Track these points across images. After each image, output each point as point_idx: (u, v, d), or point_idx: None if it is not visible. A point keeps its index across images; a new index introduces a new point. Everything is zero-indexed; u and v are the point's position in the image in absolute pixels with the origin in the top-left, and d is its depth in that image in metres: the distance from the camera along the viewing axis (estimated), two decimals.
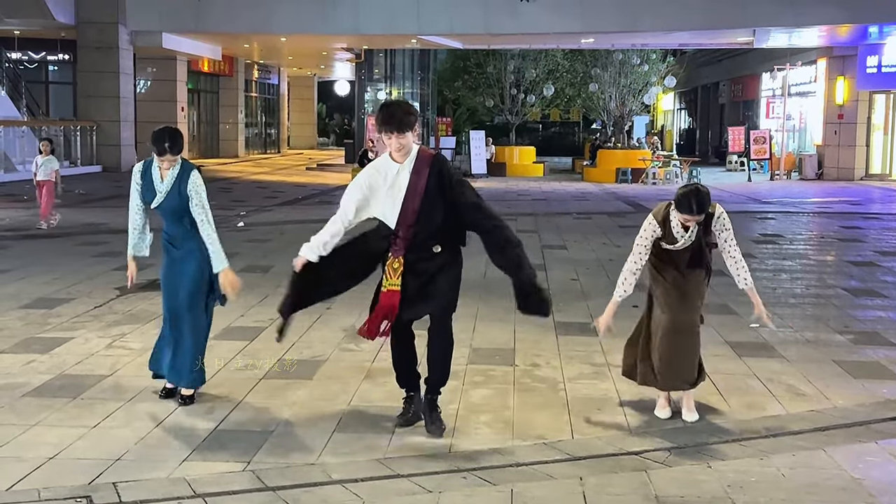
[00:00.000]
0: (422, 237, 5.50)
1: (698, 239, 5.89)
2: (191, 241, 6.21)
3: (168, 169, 6.16)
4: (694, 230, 5.85)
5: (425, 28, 29.61)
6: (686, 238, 5.86)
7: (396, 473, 5.05)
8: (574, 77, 38.95)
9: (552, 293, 10.23)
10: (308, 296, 5.94)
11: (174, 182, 6.15)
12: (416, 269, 5.53)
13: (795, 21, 27.44)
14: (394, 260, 5.55)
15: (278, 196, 23.45)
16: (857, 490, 4.93)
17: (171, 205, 6.17)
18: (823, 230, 17.39)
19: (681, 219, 5.80)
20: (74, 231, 15.45)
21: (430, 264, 5.55)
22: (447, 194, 5.49)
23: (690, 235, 5.86)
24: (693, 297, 5.99)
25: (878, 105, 32.00)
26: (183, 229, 6.22)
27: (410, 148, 5.53)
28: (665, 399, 6.12)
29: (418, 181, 5.48)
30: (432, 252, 5.54)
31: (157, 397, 6.29)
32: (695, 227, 5.84)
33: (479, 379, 6.89)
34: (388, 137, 5.50)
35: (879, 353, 7.81)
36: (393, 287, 5.52)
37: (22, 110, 31.08)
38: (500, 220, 5.64)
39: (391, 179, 5.53)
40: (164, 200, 6.16)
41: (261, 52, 42.10)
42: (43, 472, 5.01)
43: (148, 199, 6.23)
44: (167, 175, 6.17)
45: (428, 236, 5.51)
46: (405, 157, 5.54)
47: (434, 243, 5.53)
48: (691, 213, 5.71)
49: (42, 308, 9.13)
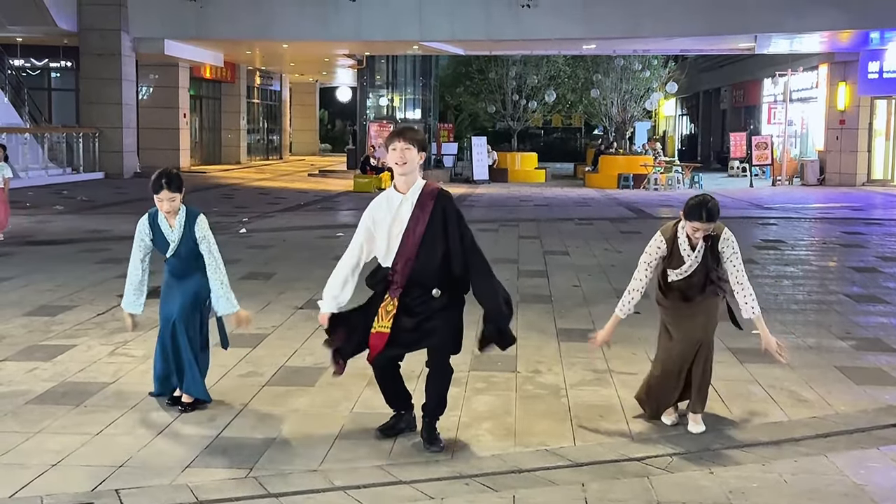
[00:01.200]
0: (420, 275, 5.37)
1: (704, 263, 5.85)
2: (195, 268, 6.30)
3: (173, 215, 6.19)
4: (701, 250, 5.82)
5: (427, 34, 29.64)
6: (693, 259, 5.82)
7: (399, 480, 5.05)
8: (576, 83, 39.00)
9: (554, 299, 10.32)
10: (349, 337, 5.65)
11: (184, 228, 6.21)
12: (411, 311, 5.39)
13: (797, 27, 27.47)
14: (389, 301, 5.40)
15: (280, 202, 23.47)
16: (860, 496, 4.93)
17: (187, 251, 6.24)
18: (825, 236, 17.38)
19: (689, 229, 5.77)
20: (77, 238, 15.46)
21: (427, 307, 5.40)
22: (449, 232, 5.39)
23: (697, 256, 5.81)
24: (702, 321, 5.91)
25: (880, 110, 32.01)
26: (191, 267, 6.29)
27: (414, 169, 5.42)
28: (672, 406, 6.11)
29: (421, 214, 5.38)
30: (431, 296, 5.39)
31: (159, 405, 6.29)
32: (702, 246, 5.82)
33: (482, 385, 6.90)
34: (392, 149, 5.41)
35: (881, 360, 7.81)
36: (382, 329, 5.39)
37: (24, 117, 31.11)
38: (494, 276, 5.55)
39: (394, 211, 5.43)
40: (180, 247, 6.23)
41: (263, 59, 42.15)
42: (46, 479, 5.02)
43: (162, 249, 6.27)
44: (175, 223, 6.21)
45: (427, 276, 5.37)
46: (408, 186, 5.43)
47: (433, 286, 5.39)
48: (701, 221, 5.69)
49: (45, 315, 9.14)
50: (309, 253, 13.96)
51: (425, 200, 5.42)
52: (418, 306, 5.41)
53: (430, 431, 5.61)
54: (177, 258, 6.27)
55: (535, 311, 9.66)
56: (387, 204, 5.50)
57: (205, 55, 34.80)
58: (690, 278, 5.89)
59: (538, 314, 9.49)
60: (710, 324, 5.96)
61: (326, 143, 62.36)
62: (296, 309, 9.58)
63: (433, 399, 5.61)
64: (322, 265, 12.52)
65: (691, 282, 5.90)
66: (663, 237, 5.92)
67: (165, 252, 6.27)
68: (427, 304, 5.41)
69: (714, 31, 28.75)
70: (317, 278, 11.33)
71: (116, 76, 30.44)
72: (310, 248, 14.65)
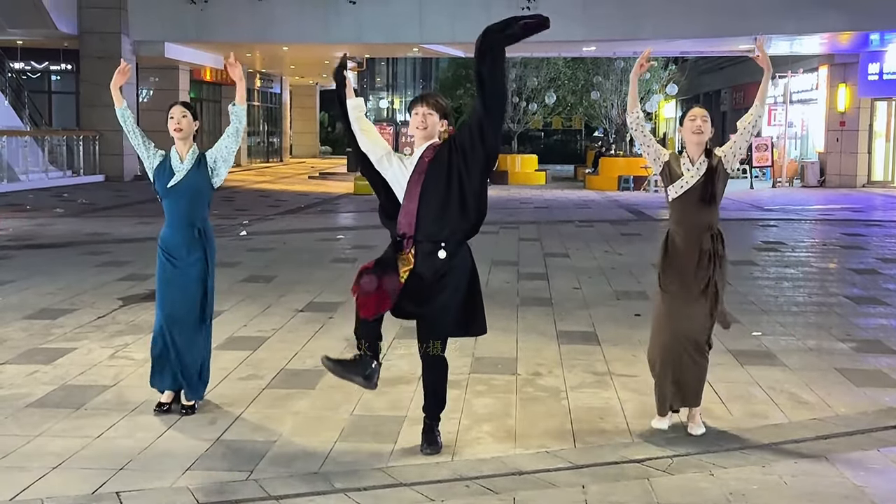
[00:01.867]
0: (426, 228, 5.31)
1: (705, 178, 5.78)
2: (193, 252, 6.17)
3: (184, 142, 6.18)
4: (701, 165, 5.79)
5: (427, 37, 29.66)
6: (694, 172, 5.78)
7: (399, 482, 5.05)
8: (576, 85, 39.05)
9: (554, 301, 10.32)
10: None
11: (193, 161, 6.19)
12: (421, 274, 5.32)
13: (797, 29, 27.49)
14: (404, 253, 5.36)
15: (281, 205, 23.49)
16: (860, 498, 4.93)
17: (190, 183, 6.15)
18: (825, 238, 17.39)
19: (687, 122, 5.82)
20: (77, 241, 15.46)
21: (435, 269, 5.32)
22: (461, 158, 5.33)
23: (699, 168, 5.78)
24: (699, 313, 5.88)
25: (880, 112, 32.03)
26: (191, 234, 6.15)
27: (434, 134, 5.44)
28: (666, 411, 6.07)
29: (422, 163, 5.41)
30: (437, 257, 5.32)
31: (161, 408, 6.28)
32: (702, 161, 5.80)
33: (482, 388, 6.90)
34: (414, 113, 5.44)
35: (882, 362, 7.81)
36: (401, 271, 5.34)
37: (24, 120, 31.12)
38: None
39: (407, 160, 5.49)
40: (184, 179, 6.14)
41: (263, 62, 42.17)
42: (46, 481, 5.02)
43: (166, 178, 6.16)
44: (185, 154, 6.19)
45: (433, 229, 5.31)
46: (425, 142, 5.46)
47: (439, 245, 5.32)
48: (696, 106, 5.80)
49: (45, 318, 9.14)
50: (309, 256, 13.97)
51: (428, 152, 5.43)
52: (427, 268, 5.33)
53: (430, 433, 5.58)
54: (177, 194, 6.13)
55: (536, 313, 9.67)
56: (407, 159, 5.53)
57: (205, 58, 34.82)
58: (693, 192, 5.80)
59: (538, 316, 9.49)
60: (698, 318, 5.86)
61: (327, 146, 62.36)
62: (296, 312, 9.58)
63: (433, 398, 5.58)
64: (322, 268, 12.56)
65: (694, 197, 5.80)
66: (667, 150, 6.00)
67: (168, 182, 6.13)
68: (434, 266, 5.32)
69: (714, 33, 28.77)
70: (317, 281, 11.36)
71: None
72: (310, 250, 14.66)
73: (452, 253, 5.37)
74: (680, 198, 5.84)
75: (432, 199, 5.35)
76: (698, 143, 5.83)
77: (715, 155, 5.86)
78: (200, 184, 6.20)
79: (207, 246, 6.23)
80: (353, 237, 16.83)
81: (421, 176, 5.39)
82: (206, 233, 6.25)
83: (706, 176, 5.79)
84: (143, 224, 17.67)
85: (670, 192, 5.88)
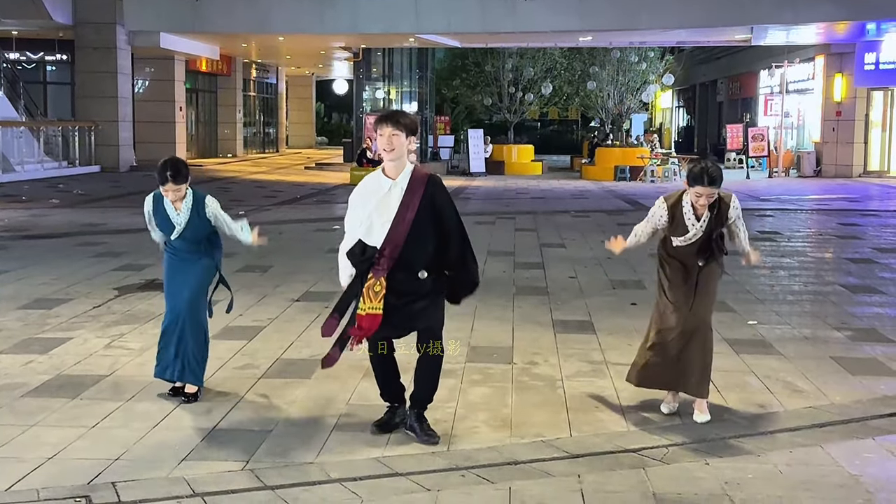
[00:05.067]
0: (407, 260, 5.33)
1: (709, 230, 5.84)
2: (198, 252, 6.31)
3: (179, 201, 6.18)
4: (706, 220, 5.82)
5: (423, 27, 29.59)
6: (697, 228, 5.81)
7: (395, 472, 5.06)
8: (572, 75, 39.01)
9: (550, 291, 10.32)
10: None
11: (191, 212, 6.21)
12: (398, 292, 5.34)
13: (793, 18, 27.45)
14: (375, 282, 5.32)
15: (277, 195, 23.46)
16: (855, 487, 4.94)
17: (193, 233, 6.25)
18: (821, 227, 17.40)
19: (693, 196, 5.76)
20: (73, 231, 15.44)
21: (413, 287, 5.36)
22: (445, 216, 5.37)
23: (702, 225, 5.81)
24: (702, 296, 5.93)
25: (876, 102, 32.01)
26: (196, 250, 6.30)
27: (402, 155, 5.36)
28: (672, 395, 6.12)
29: (411, 200, 5.32)
30: (417, 277, 5.35)
31: (157, 396, 6.30)
32: (707, 215, 5.81)
33: (478, 377, 6.90)
34: (380, 134, 5.34)
35: (877, 350, 7.82)
36: (374, 311, 5.31)
37: (20, 111, 31.04)
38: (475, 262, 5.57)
39: (382, 195, 5.36)
40: (185, 230, 6.22)
41: (259, 52, 42.07)
42: (42, 472, 5.02)
43: (166, 231, 6.27)
44: (181, 207, 6.20)
45: (415, 260, 5.34)
46: (398, 171, 5.37)
47: (420, 269, 5.35)
48: (703, 185, 5.68)
49: (41, 308, 9.13)
50: (305, 246, 13.96)
51: (415, 186, 5.36)
52: (405, 288, 5.35)
53: (421, 423, 5.58)
54: (183, 241, 6.27)
55: (532, 302, 9.67)
56: (375, 186, 5.44)
57: (201, 48, 34.71)
58: (693, 245, 5.88)
59: (534, 306, 9.49)
60: (708, 299, 5.95)
61: (323, 136, 62.30)
62: (292, 301, 9.58)
63: (424, 387, 5.59)
64: (318, 258, 12.55)
65: (694, 248, 5.89)
66: (666, 204, 5.92)
67: (170, 234, 6.25)
68: (412, 285, 5.36)
69: (710, 22, 28.73)
70: (313, 271, 11.36)
71: (112, 70, 30.36)
72: (306, 241, 14.65)
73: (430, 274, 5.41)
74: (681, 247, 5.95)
75: (420, 239, 5.34)
76: (701, 206, 5.83)
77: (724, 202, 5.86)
78: (199, 227, 6.27)
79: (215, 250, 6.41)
80: None
81: (409, 213, 5.32)
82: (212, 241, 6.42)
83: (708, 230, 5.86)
84: (138, 215, 17.44)
85: (674, 240, 5.93)
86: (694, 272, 5.93)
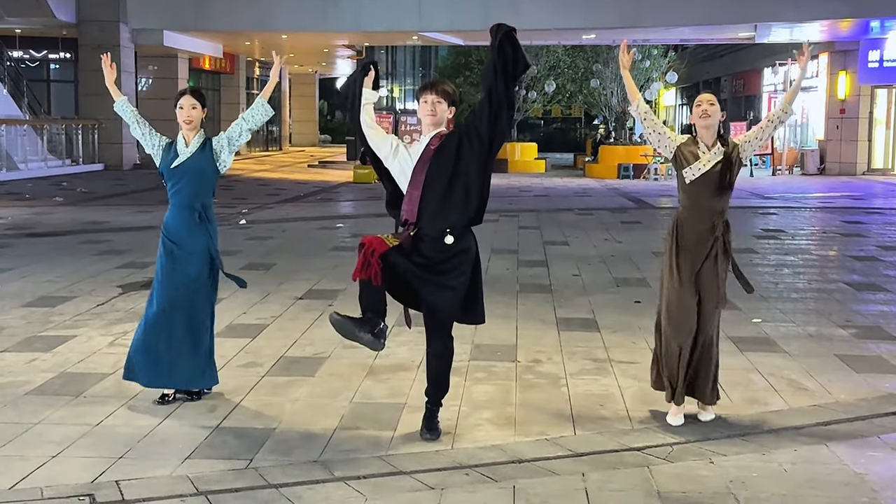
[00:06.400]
0: (435, 218, 5.30)
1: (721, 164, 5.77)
2: (196, 237, 6.08)
3: (191, 130, 6.13)
4: (717, 152, 5.76)
5: (426, 25, 29.58)
6: (711, 155, 5.75)
7: (399, 470, 5.05)
8: (575, 73, 38.97)
9: (554, 289, 10.31)
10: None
11: (199, 144, 6.15)
12: (424, 253, 5.31)
13: (797, 16, 27.40)
14: (405, 230, 5.36)
15: (280, 193, 23.46)
16: (860, 485, 4.93)
17: (194, 165, 6.10)
18: (825, 225, 17.37)
19: (696, 112, 5.79)
20: (76, 229, 15.45)
21: (436, 252, 5.33)
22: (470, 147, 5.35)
23: (715, 153, 5.76)
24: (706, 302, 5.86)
25: (880, 100, 31.95)
26: (192, 218, 6.07)
27: (442, 121, 5.43)
28: (678, 407, 5.93)
29: (434, 142, 5.40)
30: (444, 243, 5.31)
31: (160, 394, 6.25)
32: (717, 149, 5.76)
33: (481, 375, 6.89)
34: (423, 101, 5.41)
35: (882, 348, 7.81)
36: (391, 242, 5.25)
37: (23, 109, 31.06)
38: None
39: (412, 148, 5.47)
40: (188, 160, 6.10)
41: (262, 50, 42.05)
42: (46, 470, 5.01)
43: (169, 161, 6.13)
44: (191, 139, 6.15)
45: (443, 219, 5.31)
46: (432, 129, 5.44)
47: (445, 231, 5.31)
48: (700, 92, 5.70)
49: (44, 306, 9.13)
50: (308, 244, 13.95)
51: (434, 140, 5.42)
52: (430, 248, 5.33)
53: (431, 419, 5.59)
54: (180, 173, 6.09)
55: (535, 300, 9.66)
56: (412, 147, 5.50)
57: (204, 46, 34.72)
58: (707, 180, 5.77)
59: (538, 303, 9.48)
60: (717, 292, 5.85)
61: (326, 135, 62.30)
62: (295, 299, 9.57)
63: (435, 379, 5.57)
64: (322, 256, 12.55)
65: (707, 183, 5.77)
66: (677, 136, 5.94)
67: (172, 162, 6.10)
68: (440, 250, 5.33)
69: (714, 20, 28.70)
70: (316, 269, 11.36)
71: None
72: (309, 239, 14.64)
73: (458, 237, 5.36)
74: (695, 182, 5.78)
75: (436, 188, 5.34)
76: (707, 126, 5.81)
77: (731, 142, 5.85)
78: (204, 166, 6.14)
79: (210, 229, 6.17)
80: (353, 226, 16.80)
81: (425, 165, 5.38)
82: (209, 216, 6.18)
83: (723, 162, 5.78)
84: (142, 213, 17.65)
85: (686, 174, 5.80)
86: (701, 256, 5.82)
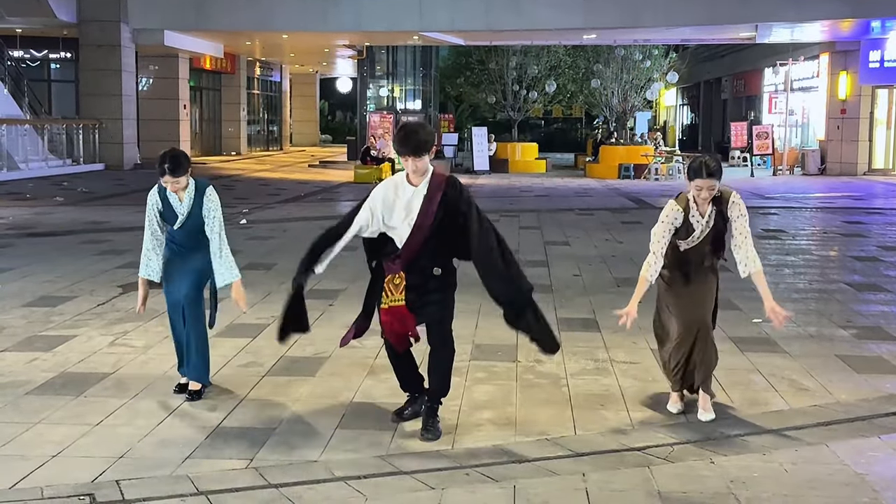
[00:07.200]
0: (423, 261, 5.51)
1: (714, 229, 5.81)
2: (199, 244, 6.32)
3: (181, 191, 6.19)
4: (711, 215, 5.79)
5: (427, 25, 29.55)
6: (703, 225, 5.79)
7: (399, 470, 5.05)
8: (576, 73, 38.96)
9: (555, 289, 10.30)
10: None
11: (193, 202, 6.22)
12: (413, 285, 5.51)
13: (798, 16, 27.38)
14: (394, 276, 5.51)
15: (281, 193, 23.46)
16: (860, 485, 4.92)
17: (194, 224, 6.25)
18: (826, 225, 17.36)
19: (694, 190, 5.75)
20: (77, 229, 15.45)
21: (426, 281, 5.53)
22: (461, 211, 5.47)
23: (708, 221, 5.79)
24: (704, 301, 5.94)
25: (881, 100, 31.93)
26: (197, 241, 6.31)
27: (427, 169, 5.51)
28: (678, 395, 6.11)
29: (429, 207, 5.45)
30: (432, 274, 5.53)
31: (161, 394, 6.29)
32: (711, 211, 5.80)
33: (482, 375, 6.89)
34: (404, 160, 5.49)
35: (882, 348, 7.81)
36: (397, 303, 5.49)
37: (24, 109, 31.04)
38: (507, 252, 5.66)
39: (405, 201, 5.50)
40: (188, 220, 6.24)
41: (263, 50, 42.09)
42: (46, 469, 5.02)
43: (170, 220, 6.29)
44: (184, 196, 6.21)
45: (431, 261, 5.52)
46: (421, 179, 5.52)
47: (434, 266, 5.53)
48: (702, 178, 5.67)
49: (45, 306, 9.14)
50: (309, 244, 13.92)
51: (433, 193, 5.48)
52: (418, 282, 5.52)
53: (431, 417, 5.63)
54: (184, 231, 6.27)
55: (536, 300, 9.62)
56: (395, 191, 5.55)
57: (205, 46, 34.71)
58: (701, 246, 5.86)
59: (539, 304, 9.44)
60: (707, 302, 5.96)
61: (327, 134, 62.32)
62: None
63: (437, 380, 5.66)
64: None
65: (702, 250, 5.87)
66: (679, 206, 5.85)
67: (174, 224, 6.27)
68: (426, 280, 5.53)
69: (715, 20, 28.67)
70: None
71: (116, 67, 30.37)
72: (310, 239, 14.58)
73: (444, 266, 5.59)
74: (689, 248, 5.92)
75: (438, 242, 5.50)
76: (704, 199, 5.82)
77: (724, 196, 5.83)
78: (201, 222, 6.30)
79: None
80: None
81: (427, 220, 5.45)
82: None
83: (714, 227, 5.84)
84: (142, 212, 17.56)
85: (681, 245, 5.91)
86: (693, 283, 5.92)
